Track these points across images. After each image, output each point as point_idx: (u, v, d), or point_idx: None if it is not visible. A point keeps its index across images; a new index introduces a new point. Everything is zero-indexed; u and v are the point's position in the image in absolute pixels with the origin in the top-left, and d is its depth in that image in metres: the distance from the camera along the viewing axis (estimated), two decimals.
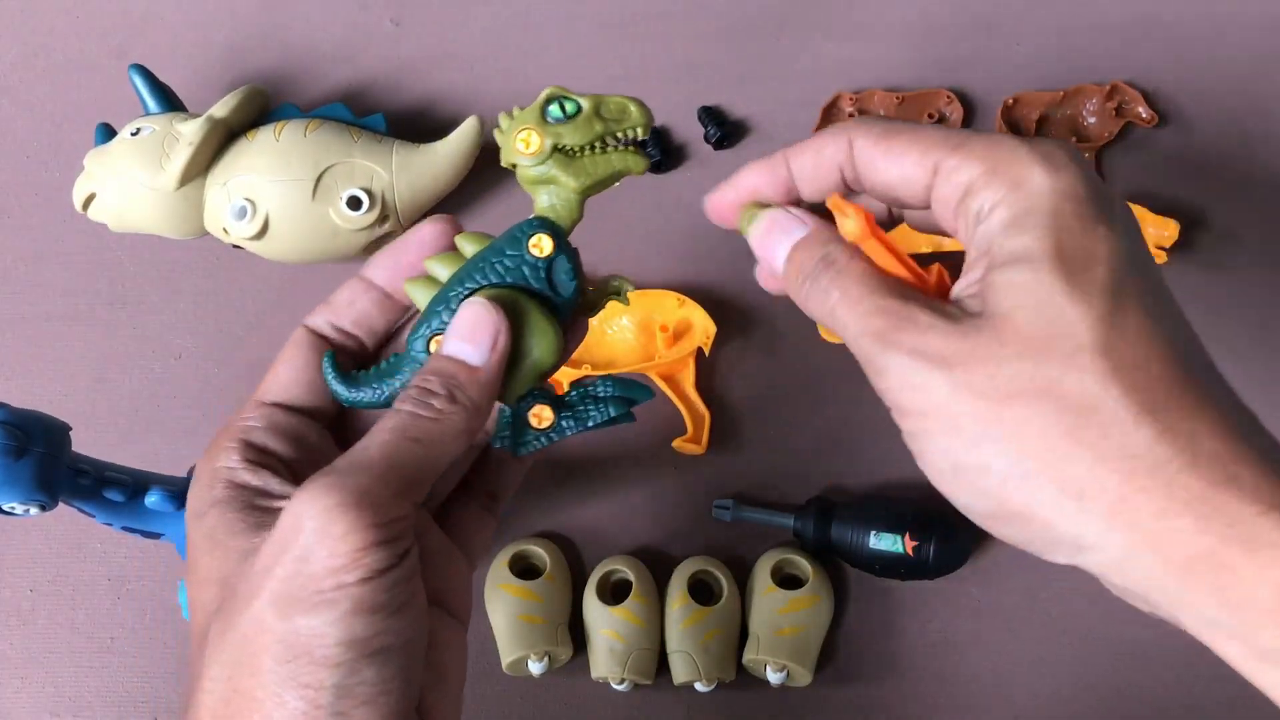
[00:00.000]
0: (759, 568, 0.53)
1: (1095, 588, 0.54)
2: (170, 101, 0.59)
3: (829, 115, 0.61)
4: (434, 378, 0.32)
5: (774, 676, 0.50)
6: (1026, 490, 0.27)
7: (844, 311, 0.30)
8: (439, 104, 0.64)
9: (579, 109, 0.34)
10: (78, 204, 0.57)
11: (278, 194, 0.55)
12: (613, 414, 0.35)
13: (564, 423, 0.35)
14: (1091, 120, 0.61)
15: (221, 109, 0.56)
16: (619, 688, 0.51)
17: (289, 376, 0.35)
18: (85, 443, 0.47)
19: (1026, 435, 0.26)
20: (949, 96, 0.61)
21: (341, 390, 0.34)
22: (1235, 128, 0.60)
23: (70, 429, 0.46)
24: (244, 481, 0.32)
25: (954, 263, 0.34)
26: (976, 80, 0.62)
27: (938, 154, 0.30)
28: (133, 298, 0.60)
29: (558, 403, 0.35)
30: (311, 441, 0.35)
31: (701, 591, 0.53)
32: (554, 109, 0.34)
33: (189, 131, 0.55)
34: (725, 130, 0.61)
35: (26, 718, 0.53)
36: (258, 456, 0.33)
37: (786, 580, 0.53)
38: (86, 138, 0.59)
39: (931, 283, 0.31)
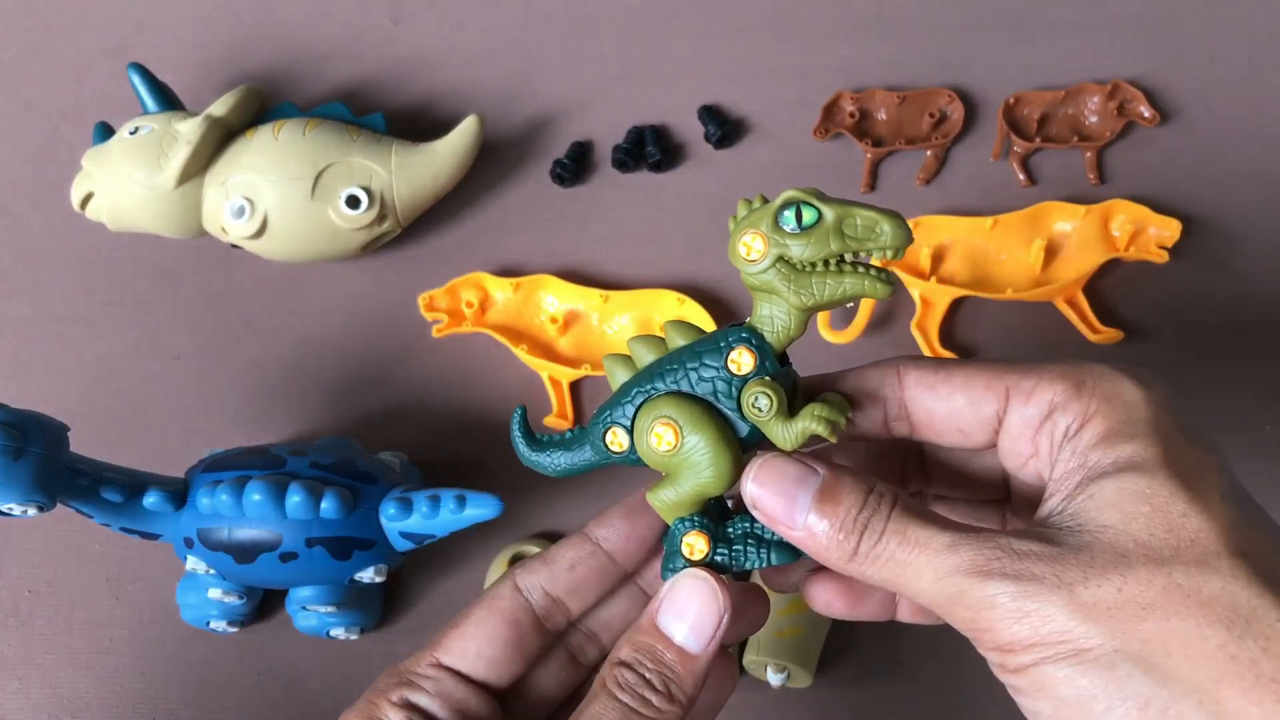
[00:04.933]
0: None
1: None
2: (169, 100, 0.59)
3: (829, 114, 0.61)
4: (651, 667, 0.31)
5: (774, 678, 0.50)
6: (1171, 717, 0.24)
7: (919, 559, 0.27)
8: (438, 103, 0.64)
9: (818, 219, 0.30)
10: (75, 203, 0.57)
11: (276, 193, 0.55)
12: (773, 562, 0.32)
13: (718, 558, 0.32)
14: (1093, 119, 0.60)
15: (220, 108, 0.56)
16: None
17: (475, 648, 0.33)
18: (83, 443, 0.47)
19: (1170, 650, 0.24)
20: (950, 95, 0.61)
21: (523, 449, 0.35)
22: (1237, 127, 0.60)
23: (68, 429, 0.45)
24: None
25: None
26: (977, 79, 0.62)
27: (1009, 379, 0.29)
28: (131, 298, 0.60)
29: (716, 534, 0.33)
30: (477, 713, 0.33)
31: None
32: (788, 215, 0.30)
33: (187, 130, 0.55)
34: (725, 129, 0.61)
35: (24, 719, 0.53)
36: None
37: None
38: (84, 136, 0.59)
39: None
